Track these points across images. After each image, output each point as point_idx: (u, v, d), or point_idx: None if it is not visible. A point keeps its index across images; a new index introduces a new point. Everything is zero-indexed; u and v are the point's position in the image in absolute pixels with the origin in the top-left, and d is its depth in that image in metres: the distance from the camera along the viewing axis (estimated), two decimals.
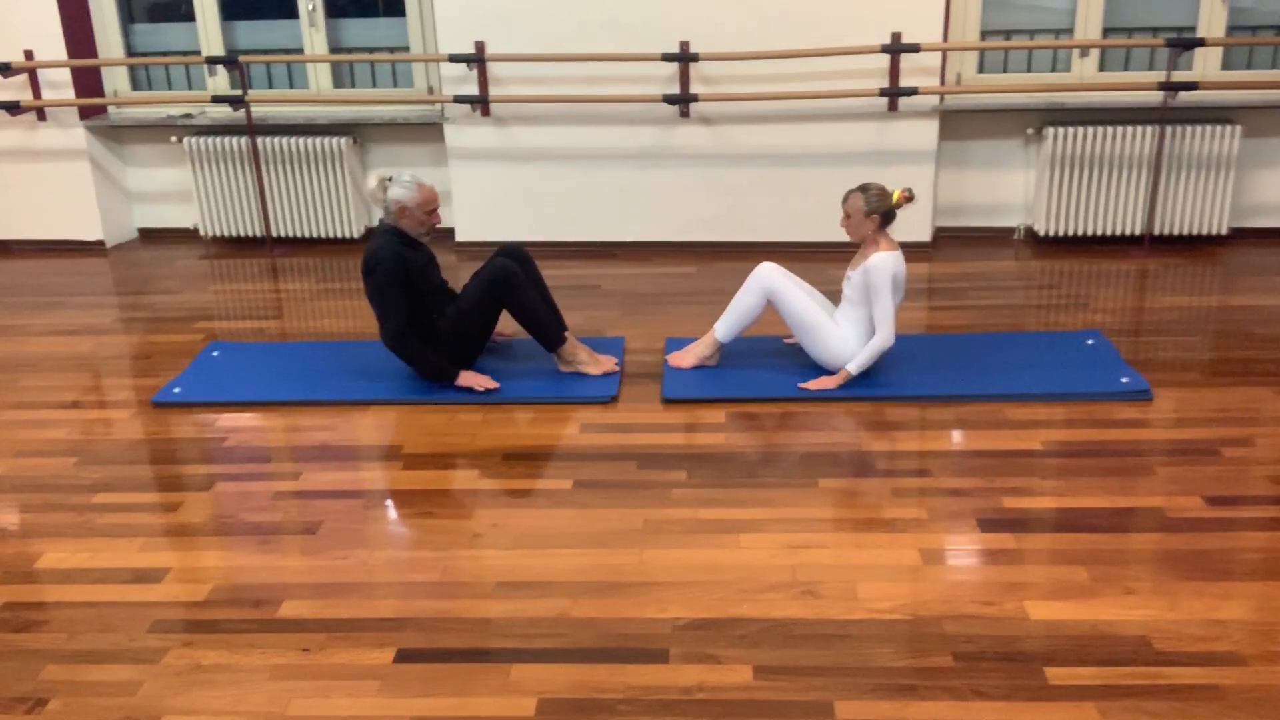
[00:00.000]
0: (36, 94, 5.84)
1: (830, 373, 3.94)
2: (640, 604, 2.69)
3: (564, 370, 4.09)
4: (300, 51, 5.90)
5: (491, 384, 3.96)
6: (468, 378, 3.97)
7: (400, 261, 3.85)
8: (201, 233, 6.12)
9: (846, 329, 3.91)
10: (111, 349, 4.59)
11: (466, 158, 5.70)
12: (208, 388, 4.07)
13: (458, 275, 5.47)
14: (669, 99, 5.40)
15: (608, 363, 4.08)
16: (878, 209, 3.80)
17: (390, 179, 3.98)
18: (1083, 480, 3.23)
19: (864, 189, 3.83)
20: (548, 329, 4.04)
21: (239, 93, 5.68)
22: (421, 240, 4.01)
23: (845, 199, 3.86)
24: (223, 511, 3.22)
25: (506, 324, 4.38)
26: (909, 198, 3.82)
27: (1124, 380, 3.86)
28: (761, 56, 5.30)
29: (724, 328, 4.05)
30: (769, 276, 3.97)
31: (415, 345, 3.91)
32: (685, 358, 4.10)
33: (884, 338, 3.82)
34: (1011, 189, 5.70)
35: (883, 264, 3.78)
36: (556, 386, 3.98)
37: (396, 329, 3.87)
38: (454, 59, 5.48)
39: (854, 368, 3.86)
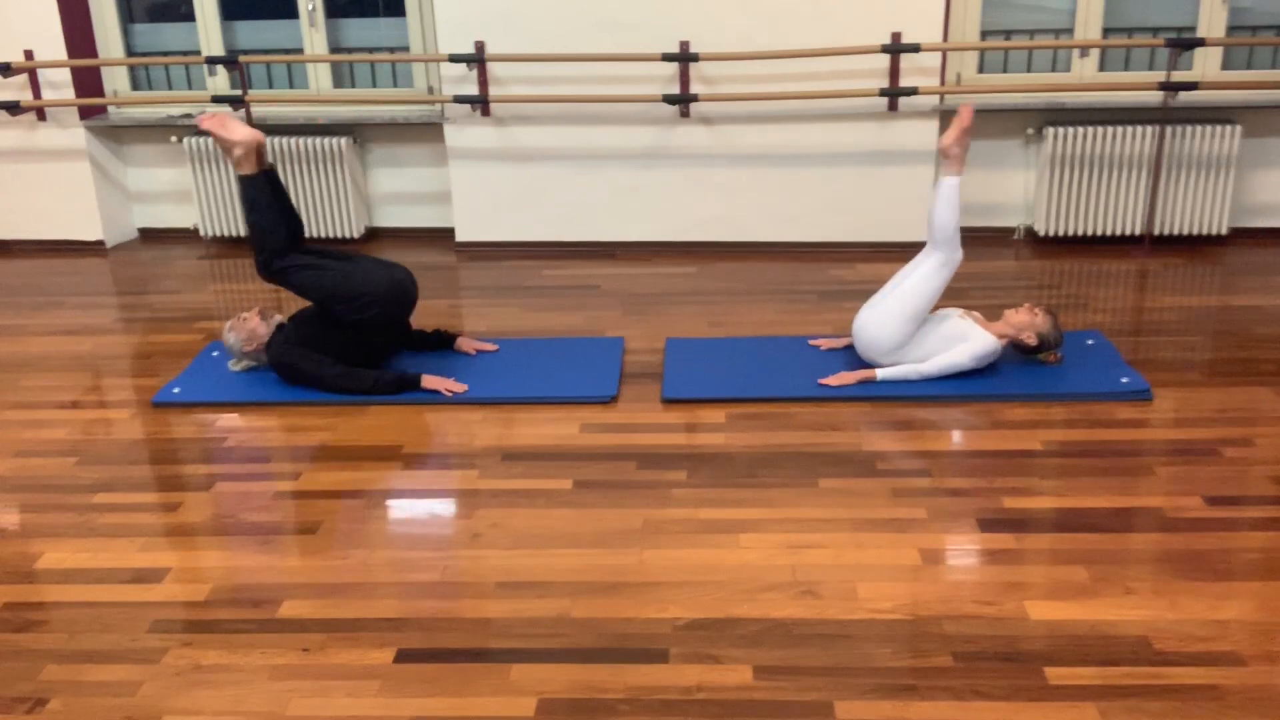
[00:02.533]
0: (36, 94, 5.84)
1: (860, 361, 3.99)
2: (640, 604, 2.69)
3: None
4: (300, 51, 5.90)
5: (459, 386, 3.95)
6: (432, 381, 3.95)
7: (292, 347, 3.97)
8: (201, 233, 6.12)
9: (921, 336, 3.91)
10: (111, 349, 4.59)
11: (466, 158, 5.70)
12: (208, 388, 4.07)
13: (457, 275, 5.48)
14: (669, 99, 5.40)
15: None
16: (1045, 338, 3.94)
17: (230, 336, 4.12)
18: (1083, 480, 3.23)
19: (1055, 322, 3.96)
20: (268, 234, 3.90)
21: (239, 93, 5.68)
22: (268, 349, 4.04)
23: (1045, 309, 3.99)
24: (223, 511, 3.22)
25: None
26: (1057, 360, 4.03)
27: (1124, 380, 3.86)
28: (761, 56, 5.30)
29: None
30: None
31: (361, 375, 3.94)
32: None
33: (925, 373, 3.86)
34: (1011, 189, 5.70)
35: (990, 348, 3.87)
36: (556, 386, 3.98)
37: (330, 379, 3.92)
38: (454, 59, 5.48)
39: (882, 375, 3.87)
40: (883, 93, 5.29)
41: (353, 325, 3.97)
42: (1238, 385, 3.87)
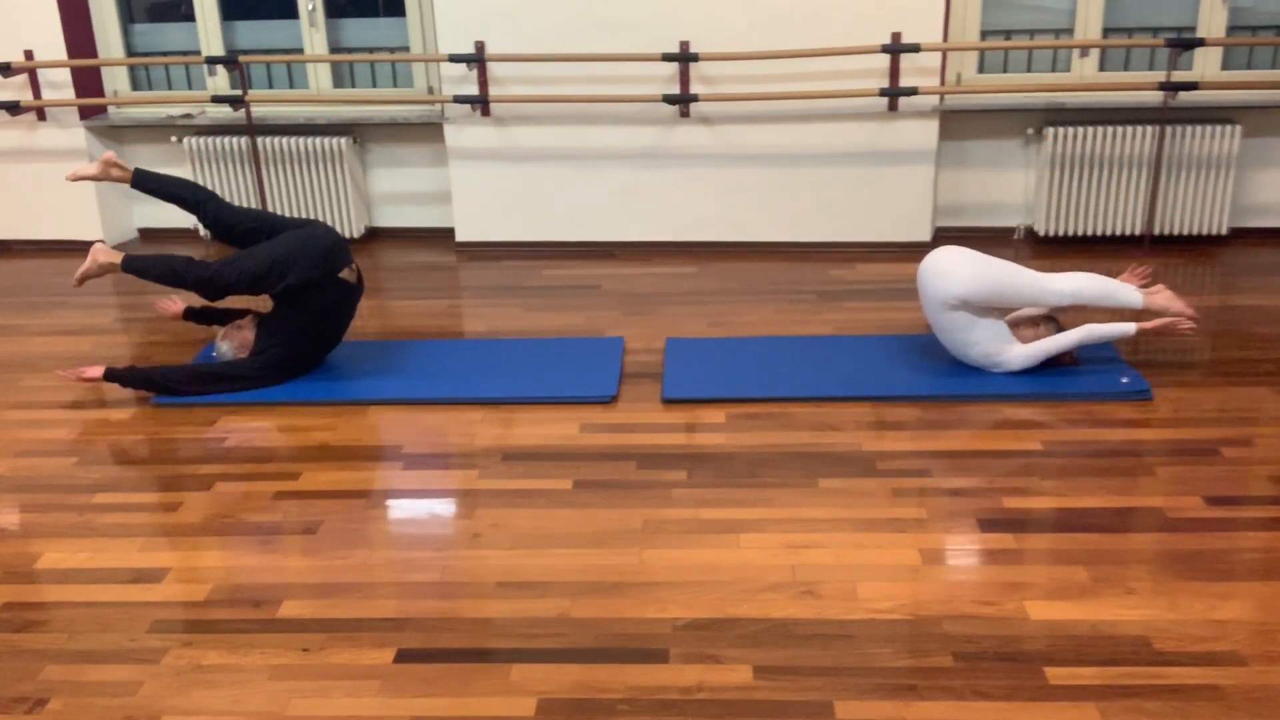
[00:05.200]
0: (36, 94, 5.84)
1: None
2: (640, 604, 2.69)
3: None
4: (300, 51, 5.90)
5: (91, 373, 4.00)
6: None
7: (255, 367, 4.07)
8: (201, 233, 6.12)
9: (974, 320, 3.90)
10: (111, 349, 4.59)
11: (466, 158, 5.70)
12: None
13: (457, 275, 5.48)
14: (669, 99, 5.40)
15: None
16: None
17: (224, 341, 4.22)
18: (1083, 480, 3.23)
19: (1059, 327, 3.95)
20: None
21: (239, 93, 5.67)
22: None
23: (1044, 316, 3.99)
24: (223, 511, 3.22)
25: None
26: (1074, 360, 3.99)
27: (1124, 380, 3.86)
28: (761, 56, 5.30)
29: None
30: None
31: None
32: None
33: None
34: (1011, 189, 5.70)
35: (1011, 361, 3.90)
36: (556, 386, 3.98)
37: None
38: (454, 59, 5.48)
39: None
40: (883, 93, 5.29)
41: (301, 303, 3.97)
42: (1238, 385, 3.87)
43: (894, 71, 5.34)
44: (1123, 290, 3.87)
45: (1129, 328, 3.84)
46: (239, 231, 4.13)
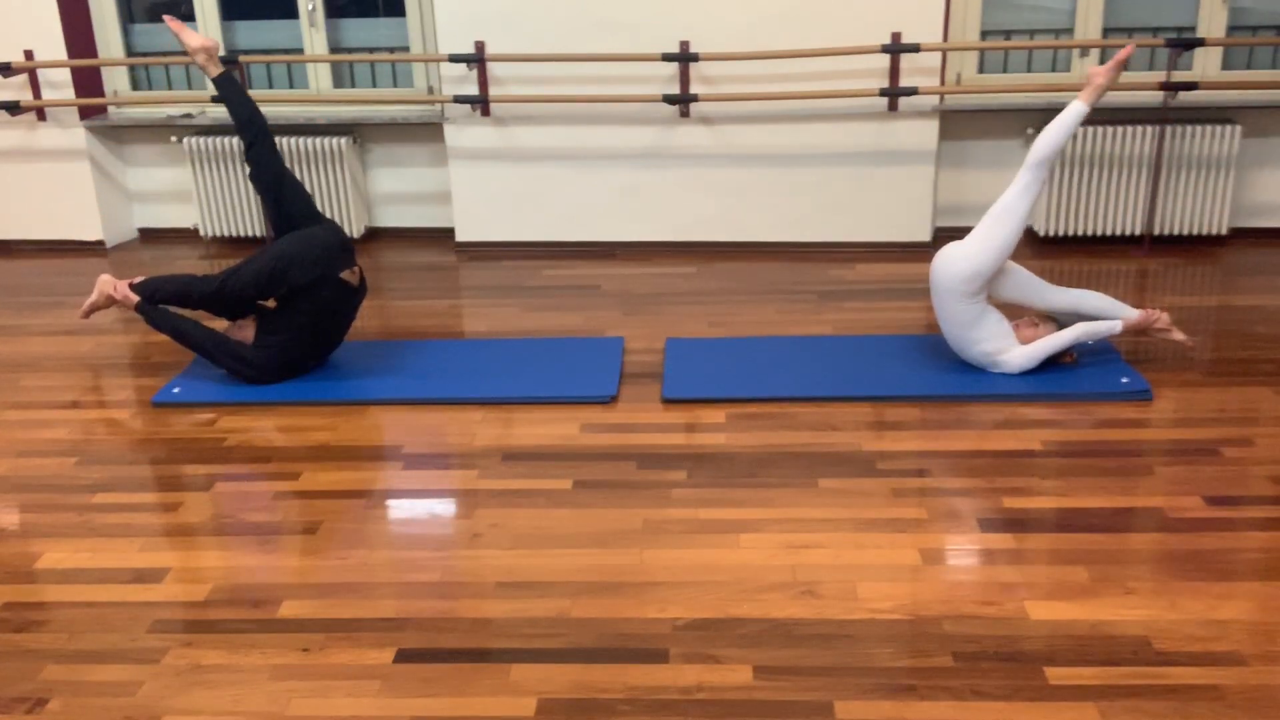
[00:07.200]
0: (36, 94, 5.84)
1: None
2: (640, 604, 2.69)
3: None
4: (300, 51, 5.90)
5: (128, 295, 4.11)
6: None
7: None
8: (201, 233, 6.12)
9: (987, 312, 3.92)
10: (111, 349, 4.59)
11: (466, 158, 5.70)
12: (208, 388, 4.07)
13: (457, 275, 5.48)
14: (669, 99, 5.40)
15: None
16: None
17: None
18: (1083, 480, 3.23)
19: (1058, 326, 3.99)
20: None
21: None
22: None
23: (1042, 317, 4.03)
24: (223, 511, 3.22)
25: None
26: (1073, 359, 4.02)
27: (1124, 380, 3.87)
28: (761, 56, 5.30)
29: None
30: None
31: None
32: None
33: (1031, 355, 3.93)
34: None
35: (1012, 361, 3.92)
36: (556, 386, 3.98)
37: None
38: (454, 59, 5.48)
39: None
40: (883, 93, 5.29)
41: (300, 303, 3.98)
42: (1238, 385, 3.87)
43: (894, 71, 5.34)
44: (1071, 105, 3.81)
45: (1115, 324, 3.89)
46: (269, 179, 4.18)
